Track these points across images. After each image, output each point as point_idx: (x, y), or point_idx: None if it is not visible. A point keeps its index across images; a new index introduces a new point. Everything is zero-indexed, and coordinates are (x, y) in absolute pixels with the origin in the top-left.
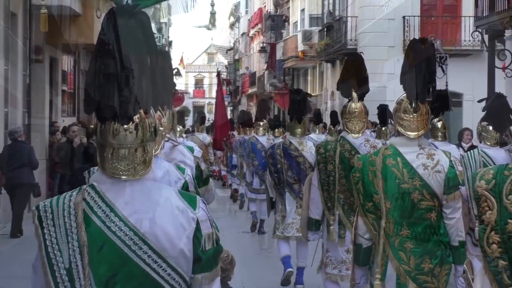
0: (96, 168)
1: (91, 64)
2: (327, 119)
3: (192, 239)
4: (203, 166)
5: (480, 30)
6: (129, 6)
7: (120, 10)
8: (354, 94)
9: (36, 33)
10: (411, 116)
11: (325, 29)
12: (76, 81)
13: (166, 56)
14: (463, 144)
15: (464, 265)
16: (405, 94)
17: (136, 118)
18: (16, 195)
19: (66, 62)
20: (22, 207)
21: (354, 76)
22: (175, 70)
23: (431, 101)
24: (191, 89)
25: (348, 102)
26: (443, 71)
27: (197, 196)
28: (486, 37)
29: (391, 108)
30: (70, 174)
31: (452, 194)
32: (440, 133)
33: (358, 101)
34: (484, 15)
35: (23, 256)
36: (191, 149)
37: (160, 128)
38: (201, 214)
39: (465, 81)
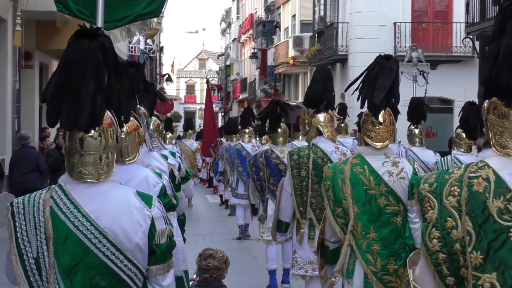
0: None
1: (53, 78)
2: None
3: (147, 234)
4: (176, 172)
5: (471, 36)
6: (92, 30)
7: (84, 32)
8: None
9: (26, 39)
10: (377, 127)
11: (316, 35)
12: None
13: (139, 69)
14: (454, 151)
15: (408, 260)
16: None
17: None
18: None
19: (56, 67)
20: None
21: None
22: (166, 76)
23: (408, 109)
24: (182, 95)
25: (317, 111)
26: (425, 79)
27: (153, 196)
28: (477, 43)
29: None
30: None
31: (415, 200)
32: (417, 139)
33: (327, 110)
34: (475, 21)
35: None
36: (165, 157)
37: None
38: (155, 212)
39: (456, 87)
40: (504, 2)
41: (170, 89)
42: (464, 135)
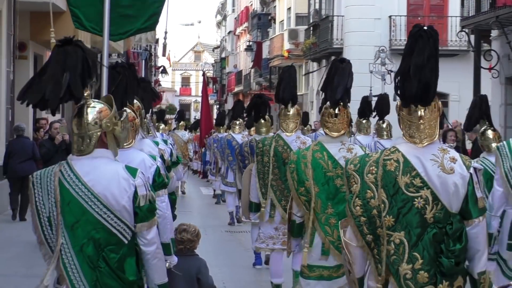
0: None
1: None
2: (313, 118)
3: (132, 198)
4: (166, 156)
5: (466, 30)
6: (69, 39)
7: (64, 40)
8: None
9: (20, 30)
10: (333, 120)
11: (311, 28)
12: None
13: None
14: (447, 145)
15: (340, 223)
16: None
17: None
18: (23, 186)
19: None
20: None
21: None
22: (161, 68)
23: (375, 105)
24: (177, 87)
25: (285, 106)
26: (391, 79)
27: (138, 169)
28: (472, 37)
29: None
30: None
31: None
32: (385, 132)
33: (292, 106)
34: (470, 15)
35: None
36: (156, 143)
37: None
38: (138, 182)
39: (451, 81)
40: (413, 28)
41: (165, 81)
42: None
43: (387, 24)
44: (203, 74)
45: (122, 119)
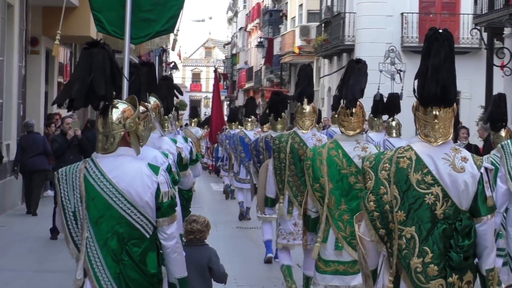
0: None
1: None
2: (324, 114)
3: (154, 194)
4: (183, 154)
5: (479, 27)
6: (96, 41)
7: (91, 43)
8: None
9: (32, 25)
10: (349, 119)
11: (323, 25)
12: (72, 73)
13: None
14: (459, 143)
15: (355, 217)
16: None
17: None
18: (34, 180)
19: (63, 54)
20: (40, 190)
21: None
22: (172, 64)
23: (385, 104)
24: (188, 83)
25: (301, 104)
26: (401, 78)
27: (160, 167)
28: (485, 35)
29: None
30: (63, 166)
31: None
32: (394, 131)
33: (308, 104)
34: (483, 12)
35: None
36: (174, 141)
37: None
38: (161, 179)
39: (462, 79)
40: (428, 31)
41: (176, 77)
42: None
43: (399, 21)
44: (215, 71)
45: (146, 119)
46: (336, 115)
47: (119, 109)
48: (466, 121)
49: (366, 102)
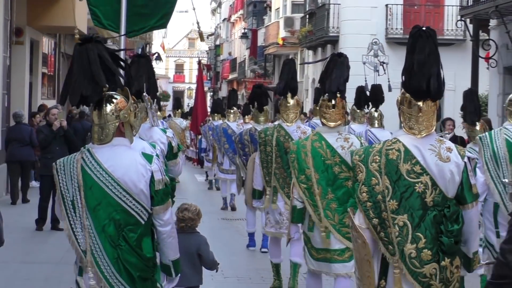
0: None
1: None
2: (309, 106)
3: (149, 183)
4: (174, 143)
5: (464, 19)
6: (88, 37)
7: (84, 38)
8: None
9: (17, 15)
10: (331, 111)
11: (307, 16)
12: (56, 63)
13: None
14: (442, 133)
15: (349, 210)
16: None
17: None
18: (23, 170)
19: (47, 45)
20: (28, 179)
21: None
22: (156, 55)
23: (369, 95)
24: (171, 74)
25: (285, 97)
26: (384, 70)
27: (154, 156)
28: (470, 26)
29: None
30: (49, 157)
31: None
32: (376, 121)
33: (292, 97)
34: (469, 4)
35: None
36: (164, 131)
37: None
38: (154, 167)
39: (447, 71)
40: (413, 29)
41: (159, 68)
42: None
43: (383, 13)
44: (199, 63)
45: (138, 109)
46: (318, 107)
47: (113, 101)
48: (451, 113)
49: (349, 93)
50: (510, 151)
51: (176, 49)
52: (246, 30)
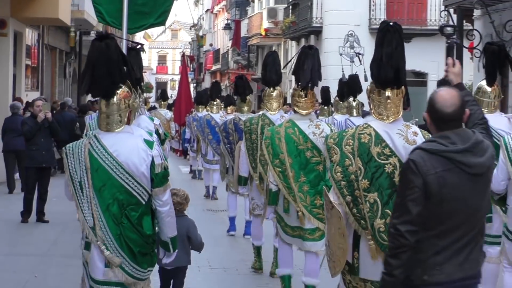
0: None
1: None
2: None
3: (149, 166)
4: (160, 131)
5: (448, 9)
6: (104, 34)
7: (98, 36)
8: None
9: (0, 7)
10: (303, 99)
11: (290, 7)
12: (40, 55)
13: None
14: None
15: (324, 188)
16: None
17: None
18: (18, 160)
19: (31, 36)
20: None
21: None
22: (139, 46)
23: (346, 84)
24: (154, 65)
25: (268, 88)
26: (360, 61)
27: (154, 142)
28: (454, 16)
29: None
30: (34, 149)
31: None
32: (354, 110)
33: (275, 88)
34: None
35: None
36: (151, 119)
37: (134, 105)
38: (155, 152)
39: (430, 60)
40: (381, 24)
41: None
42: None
43: (366, 3)
44: (183, 56)
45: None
46: (292, 97)
47: (120, 91)
48: None
49: (332, 83)
50: None
51: (159, 40)
52: (229, 21)
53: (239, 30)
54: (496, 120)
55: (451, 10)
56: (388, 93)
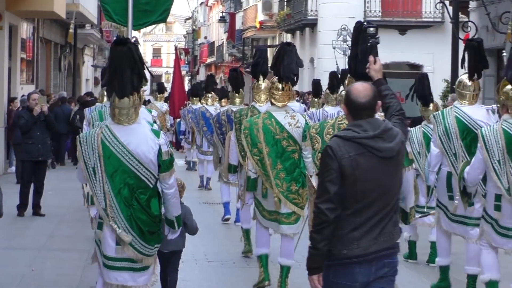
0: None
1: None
2: None
3: (157, 154)
4: (158, 123)
5: (443, 1)
6: (124, 39)
7: (118, 40)
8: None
9: None
10: (280, 92)
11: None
12: (35, 48)
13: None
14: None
15: (307, 174)
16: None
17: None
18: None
19: (26, 30)
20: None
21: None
22: (134, 39)
23: (336, 77)
24: (148, 58)
25: (257, 80)
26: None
27: (161, 131)
28: (450, 9)
29: None
30: (30, 142)
31: (307, 141)
32: (333, 101)
33: (263, 80)
34: None
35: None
36: (149, 110)
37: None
38: (162, 141)
39: (425, 52)
40: (355, 24)
41: None
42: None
43: None
44: (176, 49)
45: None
46: (270, 90)
47: None
48: None
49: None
50: (460, 126)
51: (153, 33)
52: (223, 14)
53: (234, 23)
54: (476, 112)
55: (447, 2)
56: None
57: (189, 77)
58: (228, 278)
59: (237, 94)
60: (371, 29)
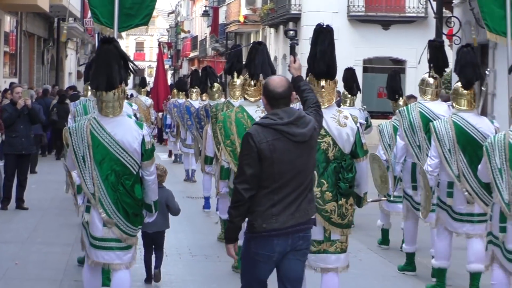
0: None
1: (93, 61)
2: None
3: (140, 144)
4: (138, 115)
5: None
6: (110, 38)
7: (105, 39)
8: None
9: None
10: (252, 88)
11: None
12: (18, 42)
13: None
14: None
15: None
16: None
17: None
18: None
19: (9, 23)
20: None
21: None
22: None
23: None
24: (131, 52)
25: (232, 77)
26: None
27: (144, 123)
28: (434, 4)
29: None
30: (13, 136)
31: None
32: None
33: (238, 77)
34: None
35: None
36: (130, 104)
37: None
38: (145, 132)
39: (408, 47)
40: (316, 27)
41: None
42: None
43: None
44: (159, 44)
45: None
46: (243, 86)
47: None
48: (413, 90)
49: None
50: (423, 120)
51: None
52: (207, 8)
53: (217, 17)
54: (438, 107)
55: None
56: (322, 83)
57: (172, 71)
58: (212, 272)
59: (214, 90)
60: (291, 32)
